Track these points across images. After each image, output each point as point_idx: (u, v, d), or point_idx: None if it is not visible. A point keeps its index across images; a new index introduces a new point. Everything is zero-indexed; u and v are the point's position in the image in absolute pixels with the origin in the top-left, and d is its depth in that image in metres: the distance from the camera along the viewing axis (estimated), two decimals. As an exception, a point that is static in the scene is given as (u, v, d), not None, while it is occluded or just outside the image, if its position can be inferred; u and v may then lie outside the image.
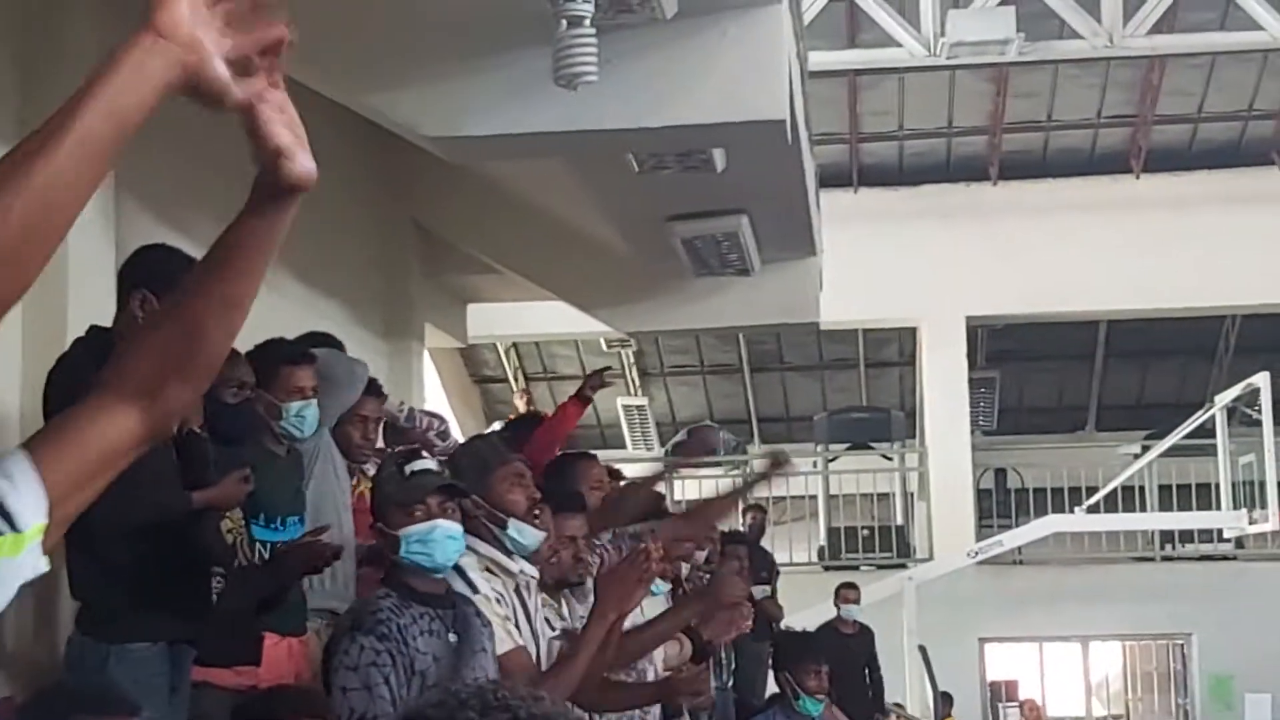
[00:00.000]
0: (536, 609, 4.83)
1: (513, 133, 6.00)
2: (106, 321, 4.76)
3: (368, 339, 8.84)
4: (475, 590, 4.69)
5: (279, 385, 5.25)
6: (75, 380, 4.55)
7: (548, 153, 6.86)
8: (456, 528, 4.30)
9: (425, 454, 4.55)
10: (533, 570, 4.89)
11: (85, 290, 5.30)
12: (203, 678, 4.67)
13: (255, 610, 4.88)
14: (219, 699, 4.58)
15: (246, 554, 5.01)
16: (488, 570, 4.81)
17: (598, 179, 7.65)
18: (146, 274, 4.73)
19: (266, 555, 5.05)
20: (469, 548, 4.87)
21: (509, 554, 4.85)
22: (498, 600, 4.73)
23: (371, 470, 6.16)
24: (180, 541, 4.54)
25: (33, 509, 1.75)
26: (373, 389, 6.06)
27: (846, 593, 11.93)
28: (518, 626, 4.65)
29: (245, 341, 5.22)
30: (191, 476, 4.59)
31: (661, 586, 6.16)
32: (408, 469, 4.29)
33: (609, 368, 9.55)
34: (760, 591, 9.82)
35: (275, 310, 6.74)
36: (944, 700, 14.07)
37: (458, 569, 4.77)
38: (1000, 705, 16.82)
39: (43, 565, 1.74)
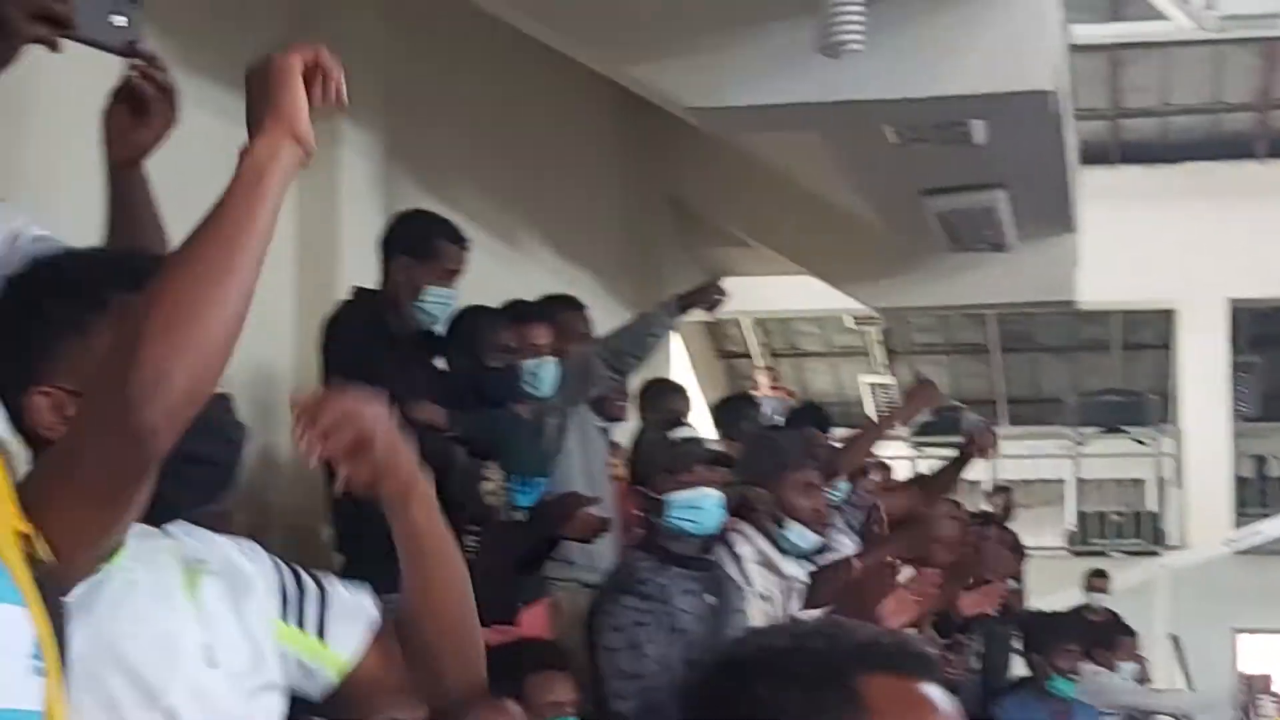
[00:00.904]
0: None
1: (773, 103, 5.98)
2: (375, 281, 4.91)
3: (617, 309, 8.90)
4: (749, 584, 4.70)
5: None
6: (348, 342, 4.69)
7: (807, 124, 6.82)
8: (721, 496, 4.33)
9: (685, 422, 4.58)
10: (804, 576, 4.88)
11: (356, 256, 5.45)
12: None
13: (514, 569, 4.95)
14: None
15: (506, 516, 5.09)
16: (763, 566, 4.82)
17: (854, 151, 7.58)
18: (406, 240, 4.86)
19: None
20: (748, 540, 4.88)
21: (784, 554, 4.86)
22: (764, 598, 4.74)
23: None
24: (442, 492, 4.63)
25: (346, 645, 2.05)
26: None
27: (1096, 581, 11.65)
28: None
29: (495, 303, 5.32)
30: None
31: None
32: (674, 435, 4.34)
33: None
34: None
35: (527, 276, 6.86)
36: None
37: (735, 558, 4.78)
38: (1255, 697, 16.31)
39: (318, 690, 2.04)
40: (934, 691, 1.39)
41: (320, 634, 2.04)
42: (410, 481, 2.00)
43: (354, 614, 2.06)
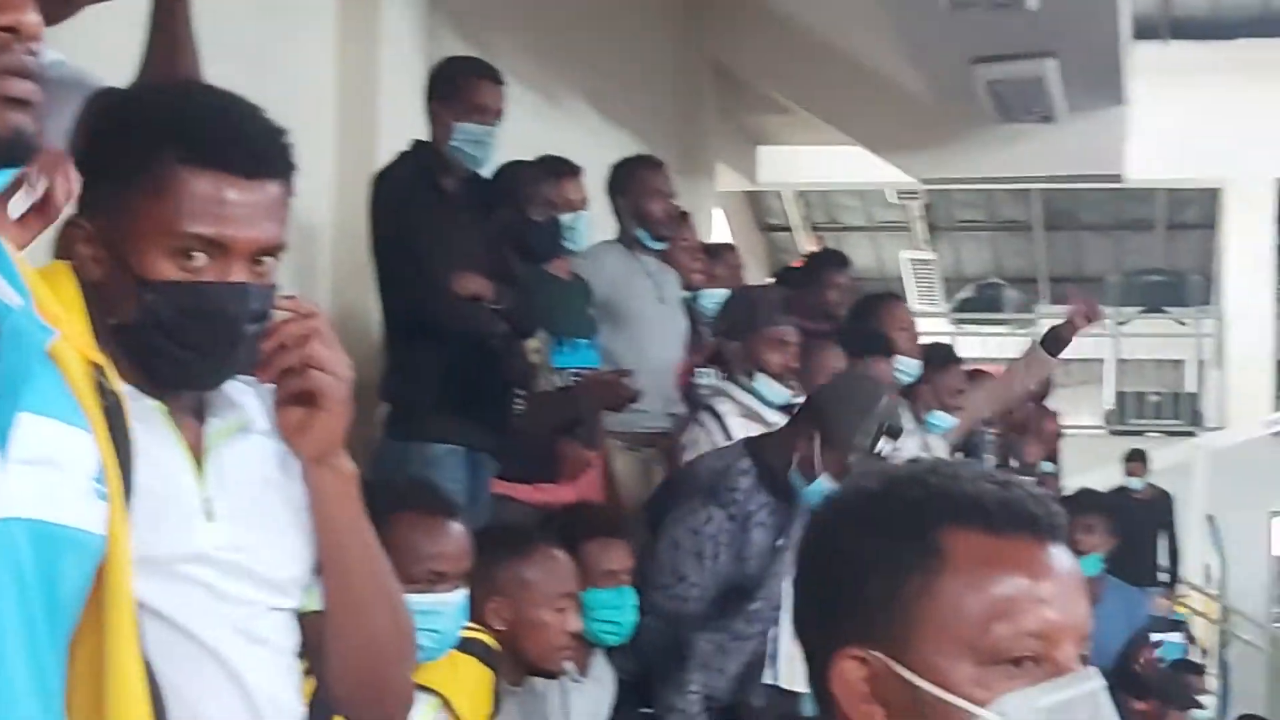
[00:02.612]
0: None
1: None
2: (416, 135, 4.84)
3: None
4: (728, 435, 4.75)
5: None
6: (395, 198, 4.64)
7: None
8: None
9: None
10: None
11: (396, 105, 5.39)
12: (505, 491, 4.77)
13: (554, 433, 4.94)
14: (521, 511, 4.68)
15: (547, 378, 5.08)
16: (746, 418, 4.87)
17: (903, 16, 7.48)
18: (438, 82, 4.80)
19: (562, 381, 5.11)
20: (727, 394, 4.93)
21: (767, 405, 4.90)
22: None
23: None
24: (488, 356, 4.64)
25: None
26: (682, 215, 6.04)
27: (1134, 466, 11.53)
28: None
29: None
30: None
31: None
32: (880, 441, 4.28)
33: None
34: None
35: (567, 136, 6.78)
36: None
37: (715, 415, 4.84)
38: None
39: None
40: (1032, 549, 1.33)
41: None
42: (335, 449, 1.85)
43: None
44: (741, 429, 4.84)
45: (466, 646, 3.03)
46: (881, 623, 1.32)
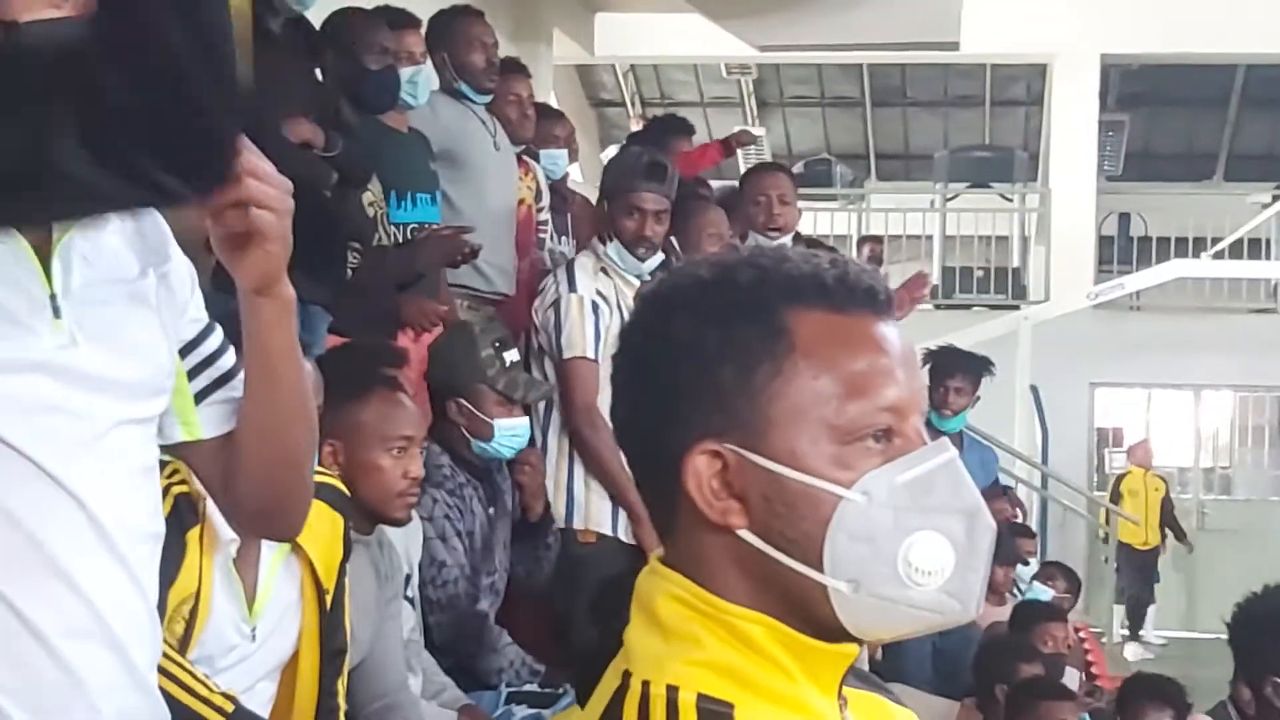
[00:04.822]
0: None
1: None
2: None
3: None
4: (573, 288, 4.71)
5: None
6: None
7: None
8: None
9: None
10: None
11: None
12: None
13: (392, 290, 4.82)
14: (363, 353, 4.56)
15: (385, 232, 4.94)
16: (603, 273, 4.83)
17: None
18: None
19: (403, 237, 4.98)
20: (589, 248, 4.88)
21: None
22: (594, 306, 4.73)
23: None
24: (320, 207, 4.46)
25: (210, 426, 1.91)
26: (515, 67, 5.92)
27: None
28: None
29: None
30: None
31: None
32: (507, 357, 4.26)
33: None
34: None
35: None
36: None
37: (569, 268, 4.79)
38: (1106, 451, 16.76)
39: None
40: (875, 324, 1.29)
41: (199, 399, 1.90)
42: (277, 280, 1.83)
43: (234, 409, 1.90)
44: (590, 282, 4.81)
45: (317, 491, 2.91)
46: (732, 413, 1.26)
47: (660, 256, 4.91)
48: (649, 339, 1.32)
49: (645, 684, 1.26)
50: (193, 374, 1.89)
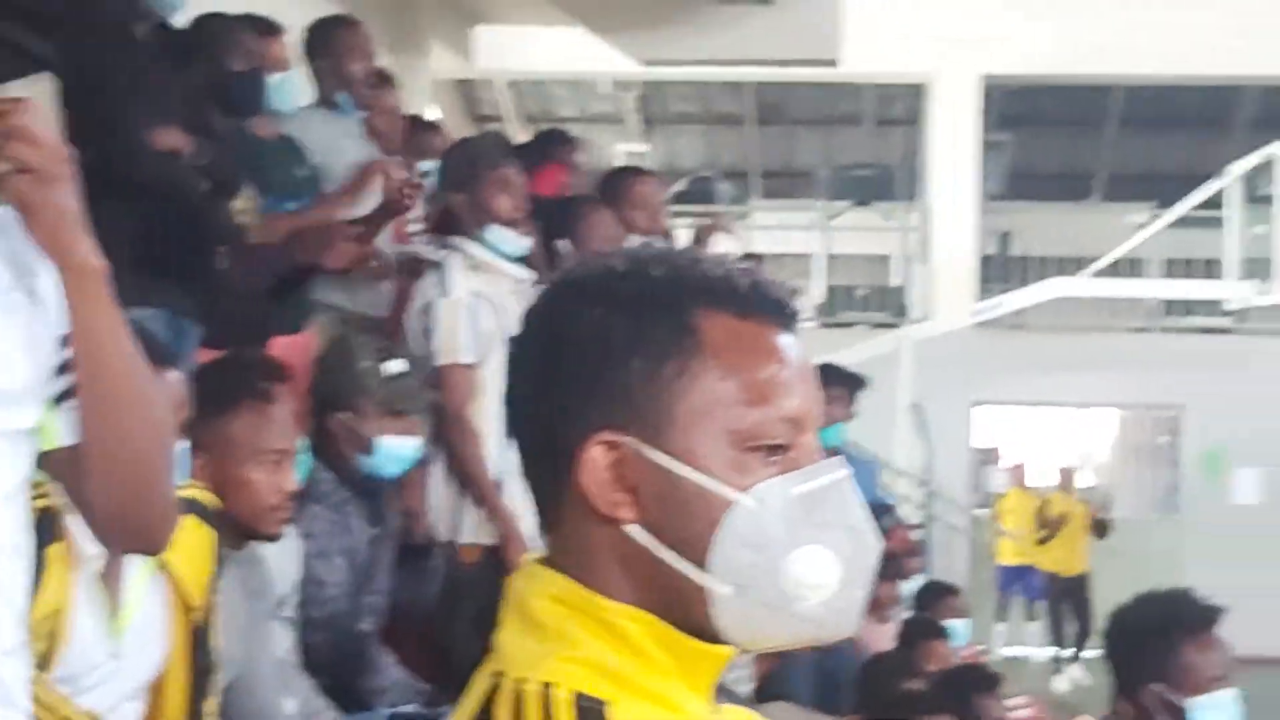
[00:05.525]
0: None
1: None
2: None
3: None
4: (445, 292, 4.62)
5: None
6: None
7: None
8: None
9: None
10: (529, 276, 4.81)
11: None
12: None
13: (267, 295, 4.68)
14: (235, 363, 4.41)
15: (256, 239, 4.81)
16: (475, 270, 4.74)
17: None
18: None
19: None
20: (456, 248, 4.77)
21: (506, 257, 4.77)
22: (470, 308, 4.64)
23: None
24: (189, 214, 4.33)
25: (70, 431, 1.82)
26: (383, 79, 5.81)
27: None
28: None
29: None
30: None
31: None
32: (389, 368, 4.15)
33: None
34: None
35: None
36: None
37: (439, 270, 4.69)
38: (986, 468, 16.89)
39: None
40: (780, 335, 1.29)
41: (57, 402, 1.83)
42: (84, 268, 1.77)
43: None
44: (465, 282, 4.70)
45: (186, 506, 2.78)
46: (634, 406, 1.26)
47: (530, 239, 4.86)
48: (555, 325, 1.29)
49: (519, 682, 1.23)
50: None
